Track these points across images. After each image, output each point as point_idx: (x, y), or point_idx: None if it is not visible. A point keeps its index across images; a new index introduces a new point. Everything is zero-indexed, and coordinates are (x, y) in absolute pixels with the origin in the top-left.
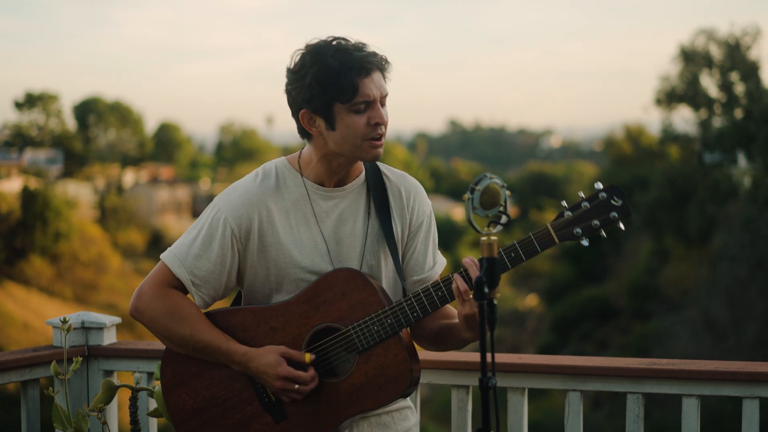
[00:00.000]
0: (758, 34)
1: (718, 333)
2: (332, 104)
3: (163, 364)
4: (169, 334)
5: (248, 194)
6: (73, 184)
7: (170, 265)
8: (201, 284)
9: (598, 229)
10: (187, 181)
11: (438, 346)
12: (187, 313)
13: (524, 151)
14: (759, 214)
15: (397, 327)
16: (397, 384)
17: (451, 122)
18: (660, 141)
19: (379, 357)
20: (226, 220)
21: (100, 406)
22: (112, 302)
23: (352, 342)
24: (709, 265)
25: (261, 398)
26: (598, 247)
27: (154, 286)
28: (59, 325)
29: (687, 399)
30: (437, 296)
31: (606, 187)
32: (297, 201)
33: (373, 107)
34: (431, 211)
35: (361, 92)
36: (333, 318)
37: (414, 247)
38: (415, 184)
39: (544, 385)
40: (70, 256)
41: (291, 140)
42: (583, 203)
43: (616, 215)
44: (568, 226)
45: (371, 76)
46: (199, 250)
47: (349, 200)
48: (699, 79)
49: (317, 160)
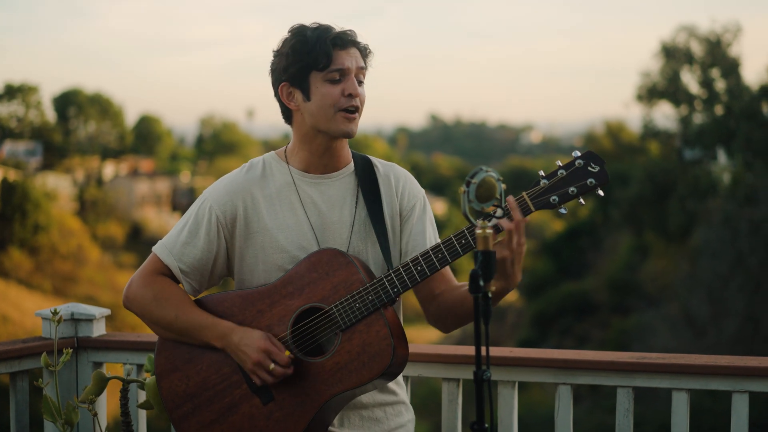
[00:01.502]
0: (739, 31)
1: (697, 328)
2: (308, 73)
3: (157, 353)
4: (157, 319)
5: (233, 183)
6: (52, 177)
7: (160, 255)
8: (189, 271)
9: (575, 195)
10: (167, 174)
11: (459, 317)
12: (173, 296)
13: (504, 146)
14: (738, 211)
15: (378, 303)
16: (379, 360)
17: (432, 117)
18: (641, 137)
19: (362, 334)
20: (212, 207)
21: (91, 398)
22: (91, 294)
23: (335, 320)
24: (689, 261)
25: (249, 381)
26: (578, 242)
27: (143, 275)
28: (49, 316)
29: (677, 393)
30: (416, 270)
31: (583, 154)
32: (282, 188)
33: (347, 79)
34: (424, 196)
35: (335, 61)
36: (317, 298)
37: (410, 229)
38: (405, 171)
39: (535, 378)
40: (49, 249)
41: (271, 133)
42: (560, 170)
43: (593, 181)
44: (544, 194)
45: (347, 50)
46: (187, 237)
47: (337, 187)
48: (680, 75)
49: (299, 144)
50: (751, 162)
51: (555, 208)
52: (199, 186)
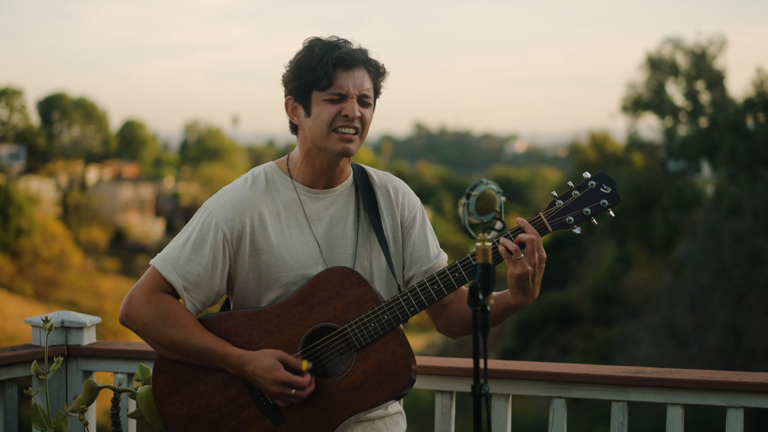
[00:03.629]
0: (724, 44)
1: (680, 339)
2: (310, 91)
3: (154, 374)
4: (162, 339)
5: (240, 198)
6: (35, 181)
7: (161, 270)
8: (192, 289)
9: (589, 216)
10: (151, 180)
11: (468, 326)
12: (180, 316)
13: (489, 155)
14: (722, 223)
15: (394, 323)
16: (396, 381)
17: (417, 125)
18: (625, 148)
19: (377, 354)
20: (218, 224)
21: (82, 407)
22: (73, 299)
23: (349, 340)
24: (672, 272)
25: (258, 402)
26: (562, 252)
27: (145, 292)
28: (40, 324)
29: (672, 408)
30: (433, 289)
31: (595, 176)
32: (288, 204)
33: (347, 101)
34: (421, 205)
35: (336, 83)
36: (328, 317)
37: (413, 240)
38: (401, 182)
39: (529, 391)
40: (31, 253)
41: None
42: (574, 192)
43: (606, 202)
44: (560, 214)
45: (351, 71)
46: (190, 254)
47: (340, 202)
48: (665, 87)
49: (302, 159)
50: (734, 174)
51: (570, 228)
52: (183, 192)
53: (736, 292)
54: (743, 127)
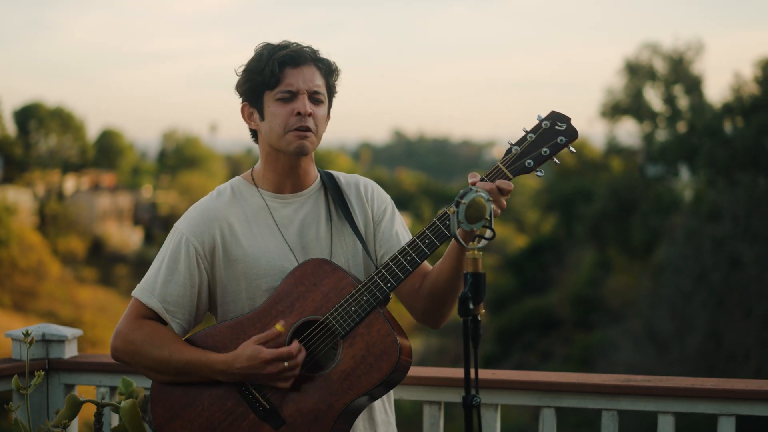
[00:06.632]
0: (701, 49)
1: (661, 344)
2: (262, 92)
3: (152, 404)
4: (151, 363)
5: (206, 210)
6: (12, 190)
7: (141, 298)
8: (175, 310)
9: (549, 156)
10: (129, 188)
11: (442, 296)
12: (164, 336)
13: (468, 161)
14: (701, 227)
15: (374, 302)
16: (386, 359)
17: (396, 132)
18: (604, 153)
19: (364, 337)
20: (188, 240)
21: (65, 422)
22: (51, 310)
23: (333, 328)
24: (652, 277)
25: (255, 409)
26: (542, 257)
27: (129, 321)
28: (20, 337)
29: (663, 416)
30: (405, 260)
31: (547, 115)
32: (256, 211)
33: (297, 98)
34: (392, 201)
35: (284, 81)
36: (309, 311)
37: (383, 230)
38: (369, 179)
39: (518, 401)
40: (8, 263)
41: (234, 148)
42: (528, 135)
43: (564, 139)
44: (518, 159)
45: (300, 68)
46: (166, 276)
47: (309, 205)
48: (643, 92)
49: (264, 165)
50: (713, 179)
51: (532, 171)
52: (162, 201)
53: (716, 296)
54: (721, 131)
